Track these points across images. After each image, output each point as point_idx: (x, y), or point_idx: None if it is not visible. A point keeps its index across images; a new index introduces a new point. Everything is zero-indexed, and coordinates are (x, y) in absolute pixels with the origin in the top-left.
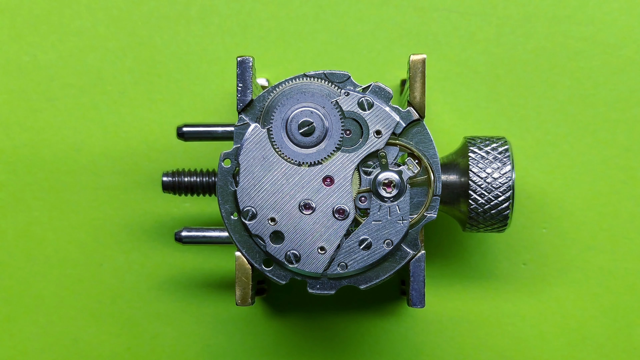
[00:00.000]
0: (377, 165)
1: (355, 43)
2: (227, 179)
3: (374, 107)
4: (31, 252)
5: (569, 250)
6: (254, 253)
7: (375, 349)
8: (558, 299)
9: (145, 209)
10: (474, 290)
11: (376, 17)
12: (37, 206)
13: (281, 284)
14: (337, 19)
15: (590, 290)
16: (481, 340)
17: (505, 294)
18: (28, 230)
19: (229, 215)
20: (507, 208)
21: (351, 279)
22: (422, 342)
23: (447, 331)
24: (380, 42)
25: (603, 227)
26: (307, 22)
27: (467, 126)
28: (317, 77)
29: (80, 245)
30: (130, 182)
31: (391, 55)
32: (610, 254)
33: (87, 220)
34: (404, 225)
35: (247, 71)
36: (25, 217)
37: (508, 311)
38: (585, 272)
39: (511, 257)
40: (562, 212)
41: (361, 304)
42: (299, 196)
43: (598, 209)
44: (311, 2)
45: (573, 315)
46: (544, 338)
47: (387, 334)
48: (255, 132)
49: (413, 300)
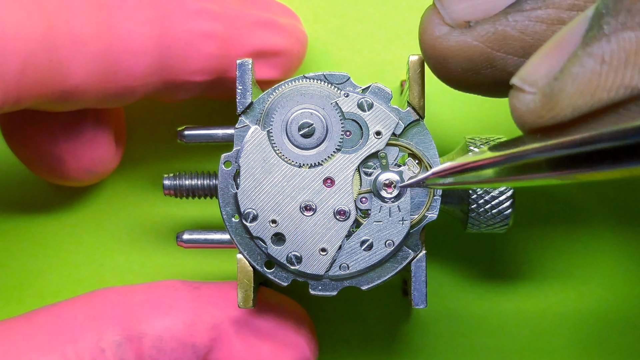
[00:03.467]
0: (378, 166)
1: (355, 43)
2: (227, 181)
3: (374, 108)
4: (31, 252)
5: (569, 250)
6: (255, 255)
7: (377, 349)
8: (558, 299)
9: (146, 210)
10: (476, 290)
11: (376, 17)
12: (38, 206)
13: (283, 286)
14: (337, 19)
15: (590, 291)
16: (483, 340)
17: (507, 294)
18: (28, 229)
19: (230, 218)
20: (508, 207)
21: (353, 280)
22: (424, 341)
23: (449, 330)
24: (380, 42)
25: (603, 227)
26: (307, 22)
27: (467, 126)
28: (316, 79)
29: (81, 245)
30: (132, 184)
31: (391, 56)
32: (611, 255)
33: (89, 220)
34: (404, 225)
35: (246, 73)
36: (25, 217)
37: (509, 311)
38: (585, 272)
39: (512, 257)
40: (562, 212)
41: (363, 305)
42: (299, 198)
43: (598, 209)
44: (311, 2)
45: (573, 315)
46: (544, 338)
47: (390, 334)
48: (256, 134)
49: (415, 301)
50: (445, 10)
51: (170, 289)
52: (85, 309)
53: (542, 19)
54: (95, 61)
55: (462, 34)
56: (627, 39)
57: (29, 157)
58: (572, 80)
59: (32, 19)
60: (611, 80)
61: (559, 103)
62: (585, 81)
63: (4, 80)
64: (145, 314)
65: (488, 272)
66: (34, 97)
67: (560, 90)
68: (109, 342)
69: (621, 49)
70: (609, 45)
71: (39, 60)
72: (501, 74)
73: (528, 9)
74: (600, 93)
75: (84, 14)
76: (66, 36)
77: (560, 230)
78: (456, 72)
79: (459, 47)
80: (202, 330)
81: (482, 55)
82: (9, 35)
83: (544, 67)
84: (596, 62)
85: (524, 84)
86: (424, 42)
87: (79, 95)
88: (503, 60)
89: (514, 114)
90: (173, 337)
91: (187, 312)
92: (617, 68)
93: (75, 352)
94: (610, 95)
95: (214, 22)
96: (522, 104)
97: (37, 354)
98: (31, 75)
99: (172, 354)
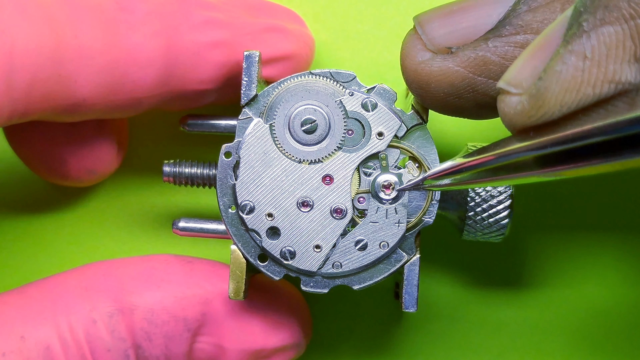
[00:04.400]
0: (378, 166)
1: (355, 44)
2: (227, 172)
3: (378, 109)
4: (31, 252)
5: (565, 256)
6: (249, 247)
7: (366, 350)
8: (557, 301)
9: (146, 210)
10: (469, 295)
11: (377, 18)
12: (38, 206)
13: (275, 280)
14: (338, 19)
15: (588, 296)
16: (474, 345)
17: (502, 300)
18: (28, 229)
19: (226, 208)
20: (505, 217)
21: (345, 279)
22: (413, 344)
23: (440, 335)
24: (381, 42)
25: (600, 233)
26: (307, 22)
27: (470, 133)
28: (322, 76)
29: (81, 245)
30: (132, 182)
31: (391, 56)
32: (608, 260)
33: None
34: (400, 228)
35: (253, 66)
36: (25, 217)
37: (504, 317)
38: (582, 277)
39: (508, 263)
40: (559, 217)
41: (354, 305)
42: (297, 193)
43: (595, 214)
44: (312, 2)
45: (572, 316)
46: (539, 343)
47: (379, 335)
48: (258, 127)
49: (406, 304)
50: (426, 36)
51: (163, 263)
52: (78, 281)
53: (521, 44)
54: (102, 74)
55: (444, 59)
56: (606, 34)
57: (30, 157)
58: (556, 78)
59: (41, 34)
60: (595, 76)
61: (546, 101)
62: (569, 78)
63: (12, 94)
64: (137, 287)
65: (482, 277)
66: (41, 110)
67: (545, 89)
68: (101, 313)
69: (602, 44)
70: (590, 41)
71: (47, 75)
72: (483, 97)
73: (507, 34)
74: (585, 89)
75: (91, 28)
76: (74, 51)
77: (556, 235)
78: (439, 96)
79: (441, 72)
80: (193, 305)
81: (464, 80)
82: (18, 50)
83: (528, 69)
84: (578, 59)
85: (509, 86)
86: (405, 68)
87: (87, 108)
88: (485, 85)
89: (504, 118)
90: (164, 310)
91: (179, 286)
92: (600, 63)
93: (68, 323)
94: (595, 91)
95: (221, 31)
96: (510, 106)
97: (30, 325)
98: (39, 89)
99: (163, 327)
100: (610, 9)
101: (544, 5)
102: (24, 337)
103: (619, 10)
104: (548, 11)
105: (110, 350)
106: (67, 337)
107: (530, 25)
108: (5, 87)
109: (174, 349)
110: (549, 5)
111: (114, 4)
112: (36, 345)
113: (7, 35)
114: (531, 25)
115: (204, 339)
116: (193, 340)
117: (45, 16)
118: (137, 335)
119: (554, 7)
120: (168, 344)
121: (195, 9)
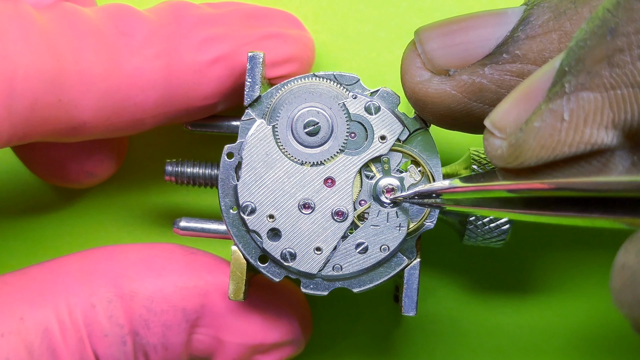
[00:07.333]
0: (380, 170)
1: (355, 44)
2: (229, 172)
3: (381, 112)
4: (31, 252)
5: (569, 257)
6: (250, 248)
7: (365, 353)
8: (556, 306)
9: (146, 210)
10: (469, 300)
11: (377, 18)
12: (38, 206)
13: (275, 281)
14: (338, 20)
15: (587, 302)
16: (472, 349)
17: (501, 305)
18: (28, 229)
19: (228, 209)
20: (506, 222)
21: (345, 282)
22: (412, 348)
23: (439, 339)
24: (381, 43)
25: (600, 238)
26: (307, 22)
27: (473, 138)
28: (326, 78)
29: (81, 245)
30: (133, 182)
31: (392, 57)
32: (607, 266)
33: (89, 220)
34: (401, 232)
35: (257, 67)
36: (25, 217)
37: (503, 322)
38: (585, 278)
39: (507, 269)
40: None
41: (354, 308)
42: (299, 195)
43: None
44: (311, 3)
45: (572, 321)
46: (541, 344)
47: (379, 339)
48: (261, 128)
49: (405, 308)
50: (425, 55)
51: (165, 251)
52: (79, 265)
53: (517, 73)
54: (103, 99)
55: (441, 82)
56: (586, 99)
57: (30, 159)
58: (534, 134)
59: (42, 60)
60: (571, 137)
61: (523, 153)
62: (546, 136)
63: (12, 119)
64: (138, 274)
65: (482, 282)
66: (41, 133)
67: (524, 142)
68: (101, 298)
69: (580, 108)
70: (569, 104)
71: (48, 100)
72: (479, 121)
73: (503, 62)
74: (560, 148)
75: (92, 53)
76: (75, 76)
77: (557, 240)
78: (435, 115)
79: (438, 94)
80: (193, 295)
81: (459, 104)
82: (19, 76)
83: (513, 114)
84: (556, 120)
85: (494, 129)
86: (404, 84)
87: (88, 131)
88: (480, 110)
89: (487, 155)
90: (164, 299)
91: (180, 275)
92: (577, 126)
93: (67, 305)
94: (571, 150)
95: (220, 45)
96: (493, 148)
97: (30, 306)
98: (40, 113)
99: (161, 316)
100: (593, 75)
101: (542, 34)
102: (23, 318)
103: (601, 78)
104: (546, 41)
105: (108, 335)
106: (66, 320)
107: (527, 55)
108: (6, 112)
109: (172, 338)
110: (547, 35)
111: (114, 29)
112: (35, 327)
113: (9, 61)
114: (528, 55)
115: (202, 331)
116: (191, 330)
117: (47, 42)
118: (135, 322)
119: (551, 38)
120: (166, 332)
121: (193, 27)
